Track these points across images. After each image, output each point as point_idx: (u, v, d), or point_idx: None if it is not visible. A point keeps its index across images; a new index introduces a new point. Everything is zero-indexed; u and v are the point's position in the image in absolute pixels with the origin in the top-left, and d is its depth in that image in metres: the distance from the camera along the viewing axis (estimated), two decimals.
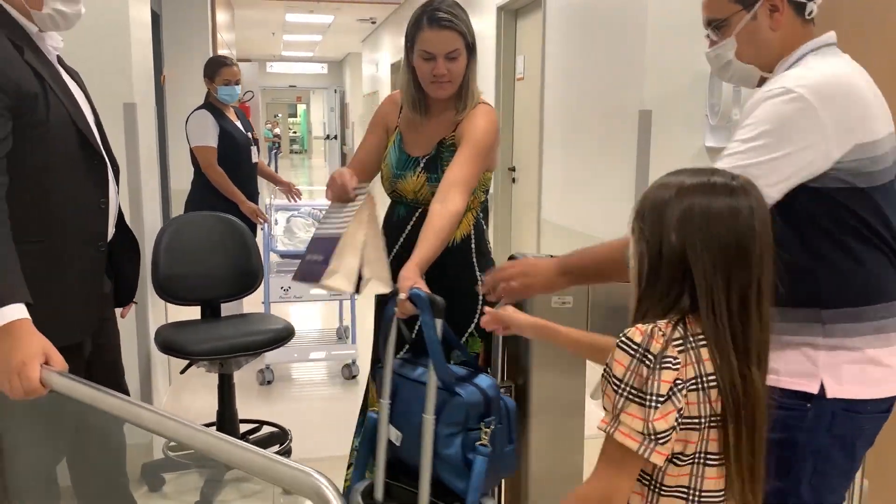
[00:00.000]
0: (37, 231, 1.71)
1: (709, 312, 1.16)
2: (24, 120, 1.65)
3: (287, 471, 1.10)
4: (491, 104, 2.16)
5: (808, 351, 1.43)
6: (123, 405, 1.34)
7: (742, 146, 1.39)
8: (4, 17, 1.70)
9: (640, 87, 3.38)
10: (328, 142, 18.94)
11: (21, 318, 1.52)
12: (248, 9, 10.21)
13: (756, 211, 1.18)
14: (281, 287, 4.21)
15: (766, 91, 1.40)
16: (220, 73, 4.05)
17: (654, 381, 1.12)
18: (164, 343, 2.81)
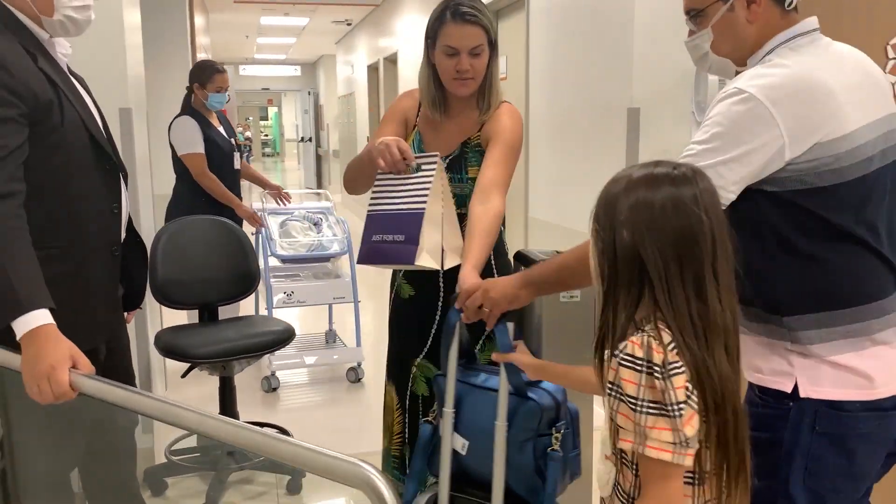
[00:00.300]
0: (56, 237, 1.72)
1: (667, 304, 1.17)
2: (39, 127, 1.66)
3: (339, 464, 1.13)
4: (512, 103, 2.16)
5: (783, 352, 1.41)
6: (160, 406, 1.36)
7: (696, 147, 1.37)
8: (16, 23, 1.70)
9: (628, 85, 3.44)
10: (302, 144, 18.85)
11: (47, 324, 1.53)
12: (222, 12, 10.15)
13: (700, 197, 1.18)
14: (283, 292, 4.14)
15: (723, 91, 1.38)
16: (213, 80, 3.99)
17: (669, 391, 1.12)
18: (166, 347, 2.81)
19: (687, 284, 1.17)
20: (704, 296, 1.17)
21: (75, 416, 1.86)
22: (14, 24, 1.70)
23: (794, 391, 1.38)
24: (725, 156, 1.33)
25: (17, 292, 1.51)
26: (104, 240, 1.83)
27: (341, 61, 13.70)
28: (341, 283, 4.31)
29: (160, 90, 5.65)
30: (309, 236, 4.39)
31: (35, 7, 1.71)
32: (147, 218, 3.37)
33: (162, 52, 5.86)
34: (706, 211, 1.17)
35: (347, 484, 1.13)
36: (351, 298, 4.22)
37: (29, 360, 1.51)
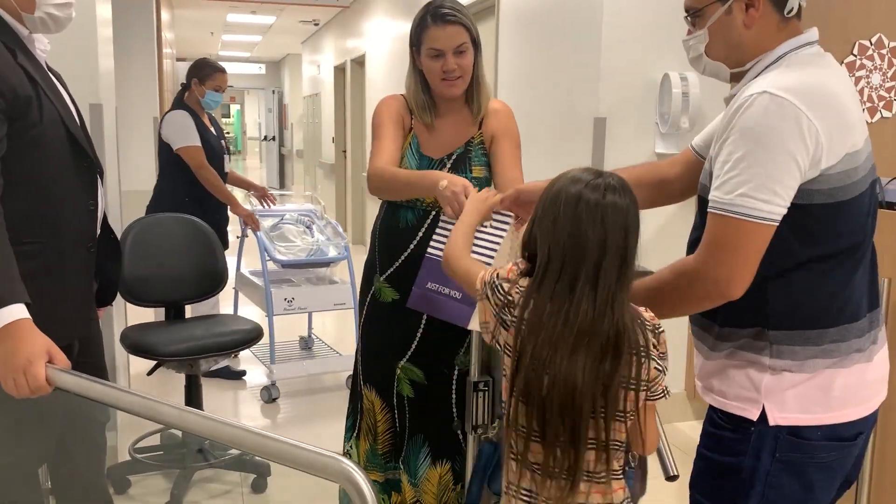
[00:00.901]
0: (33, 233, 1.72)
1: (539, 278, 1.32)
2: (18, 123, 1.66)
3: (318, 458, 1.17)
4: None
5: (753, 373, 1.39)
6: (139, 401, 1.37)
7: (732, 166, 1.30)
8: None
9: (595, 94, 3.52)
10: (265, 143, 18.72)
11: (23, 318, 1.54)
12: (188, 8, 10.05)
13: (602, 206, 1.29)
14: (284, 299, 4.01)
15: (748, 96, 1.32)
16: (212, 78, 3.92)
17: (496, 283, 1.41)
18: (133, 345, 2.81)
19: (561, 283, 1.29)
20: (574, 297, 1.28)
21: (46, 411, 1.86)
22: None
23: (759, 417, 1.37)
24: (764, 166, 1.27)
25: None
26: (80, 236, 1.84)
27: (307, 61, 13.64)
28: (342, 288, 4.22)
29: (126, 86, 5.60)
30: (305, 240, 4.30)
31: (16, 3, 1.72)
32: (115, 214, 3.35)
33: (129, 47, 5.81)
34: (603, 222, 1.28)
35: (327, 478, 1.16)
36: (351, 304, 4.14)
37: (5, 355, 1.51)
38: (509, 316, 1.36)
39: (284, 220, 4.35)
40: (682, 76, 3.44)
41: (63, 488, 2.09)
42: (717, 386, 1.45)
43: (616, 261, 1.29)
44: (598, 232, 1.28)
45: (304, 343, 4.79)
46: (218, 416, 1.29)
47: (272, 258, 4.04)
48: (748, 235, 1.30)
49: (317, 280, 4.44)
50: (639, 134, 3.56)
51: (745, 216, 1.29)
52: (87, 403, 1.87)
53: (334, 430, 2.89)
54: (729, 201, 1.31)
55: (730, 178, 1.31)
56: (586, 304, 1.28)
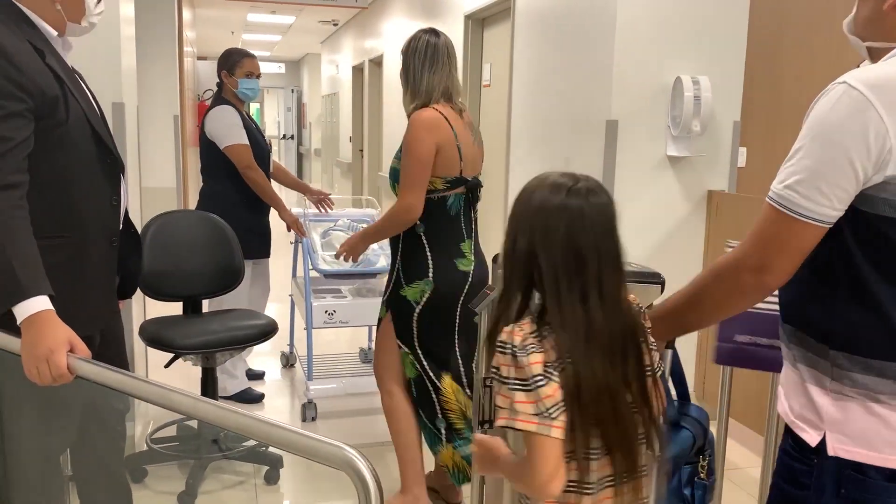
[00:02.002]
0: (59, 227, 1.80)
1: (556, 310, 1.29)
2: (45, 122, 1.74)
3: (322, 446, 1.22)
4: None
5: (816, 393, 1.28)
6: (155, 389, 1.43)
7: (790, 156, 1.24)
8: (26, 21, 1.78)
9: (607, 97, 3.56)
10: (284, 141, 18.86)
11: (46, 309, 1.61)
12: (209, 8, 10.17)
13: (586, 210, 1.29)
14: (325, 311, 3.71)
15: (831, 84, 1.22)
16: (241, 65, 3.73)
17: (527, 366, 1.27)
18: (151, 337, 2.89)
19: (573, 294, 1.29)
20: (587, 305, 1.30)
21: (69, 400, 1.93)
22: (24, 22, 1.77)
23: (819, 445, 1.27)
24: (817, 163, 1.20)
25: (19, 279, 1.59)
26: (103, 230, 1.91)
27: (326, 61, 13.74)
28: None
29: (147, 84, 5.70)
30: None
31: (65, 15, 1.82)
32: (135, 211, 3.43)
33: (150, 45, 5.90)
34: (592, 225, 1.29)
35: (331, 466, 1.22)
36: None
37: (28, 344, 1.58)
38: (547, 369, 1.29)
39: (336, 227, 4.05)
40: (694, 80, 3.47)
41: (83, 475, 2.15)
42: (786, 397, 1.36)
43: (612, 261, 1.32)
44: (591, 237, 1.30)
45: (365, 356, 4.50)
46: (230, 405, 1.35)
47: (315, 267, 3.83)
48: (787, 229, 1.23)
49: (366, 292, 4.10)
50: (650, 137, 3.59)
51: (786, 209, 1.23)
52: (107, 393, 1.94)
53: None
54: (775, 191, 1.25)
55: (784, 168, 1.25)
56: (600, 313, 1.30)
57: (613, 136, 3.55)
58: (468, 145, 2.69)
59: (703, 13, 3.56)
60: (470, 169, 2.72)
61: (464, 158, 2.66)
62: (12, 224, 1.63)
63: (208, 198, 3.76)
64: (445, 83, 2.66)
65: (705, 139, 3.62)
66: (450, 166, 2.63)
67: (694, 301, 1.41)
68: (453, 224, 2.72)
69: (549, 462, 1.28)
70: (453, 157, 2.63)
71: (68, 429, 1.99)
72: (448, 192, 2.67)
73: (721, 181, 3.71)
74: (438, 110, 2.61)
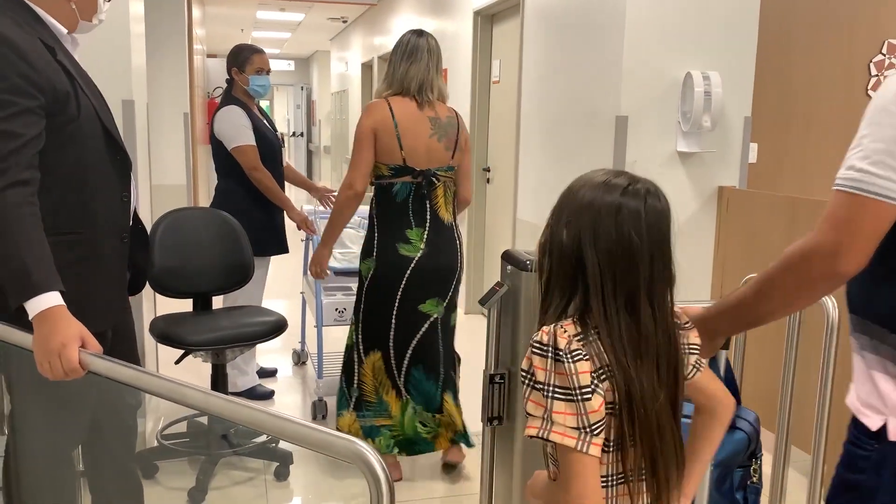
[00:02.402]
0: (72, 224, 1.81)
1: (599, 306, 1.20)
2: (57, 118, 1.74)
3: (334, 440, 1.22)
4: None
5: (880, 379, 1.27)
6: (166, 384, 1.44)
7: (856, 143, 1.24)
8: (36, 19, 1.79)
9: (617, 93, 3.55)
10: (294, 139, 18.89)
11: (58, 305, 1.62)
12: (218, 5, 10.20)
13: (644, 215, 1.20)
14: (335, 309, 3.70)
15: (883, 83, 1.24)
16: (251, 61, 3.72)
17: (574, 375, 1.16)
18: (161, 334, 2.89)
19: (619, 299, 1.20)
20: (637, 314, 1.21)
21: (81, 395, 1.94)
22: (35, 20, 1.78)
23: (880, 430, 1.26)
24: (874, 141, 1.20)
25: (32, 275, 1.60)
26: (114, 227, 1.92)
27: (335, 58, 13.76)
28: None
29: (157, 82, 5.72)
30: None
31: (79, 14, 1.85)
32: (145, 208, 3.45)
33: (160, 43, 5.92)
34: (648, 229, 1.20)
35: (343, 460, 1.22)
36: None
37: (41, 338, 1.59)
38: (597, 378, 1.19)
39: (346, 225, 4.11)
40: (704, 75, 3.45)
41: (95, 470, 2.17)
42: (854, 387, 1.34)
43: (663, 268, 1.24)
44: (645, 240, 1.20)
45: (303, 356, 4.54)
46: (240, 399, 1.36)
47: None
48: (861, 211, 1.21)
49: None
50: (661, 133, 3.58)
51: (859, 190, 1.21)
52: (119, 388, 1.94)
53: None
54: (844, 176, 1.24)
55: (850, 156, 1.24)
56: (651, 323, 1.22)
57: (623, 131, 3.54)
58: (416, 137, 2.85)
59: (713, 8, 3.54)
60: (418, 160, 2.86)
61: (405, 148, 2.83)
62: (24, 221, 1.64)
63: (223, 195, 3.76)
64: (422, 77, 2.86)
65: (716, 135, 3.60)
66: (388, 153, 2.83)
67: (761, 294, 1.34)
68: (399, 210, 2.89)
69: (587, 482, 1.18)
70: (391, 145, 2.82)
71: (80, 425, 2.00)
72: (394, 180, 2.87)
73: (732, 177, 3.69)
74: (388, 101, 2.85)
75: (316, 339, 3.76)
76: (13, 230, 1.61)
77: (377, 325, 2.94)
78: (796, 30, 4.17)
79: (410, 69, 2.86)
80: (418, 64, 2.86)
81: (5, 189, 1.61)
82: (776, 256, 1.31)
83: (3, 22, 1.70)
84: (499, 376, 2.23)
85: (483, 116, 5.68)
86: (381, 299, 2.92)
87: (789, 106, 4.24)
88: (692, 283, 3.70)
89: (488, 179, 5.72)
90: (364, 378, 2.99)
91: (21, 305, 1.61)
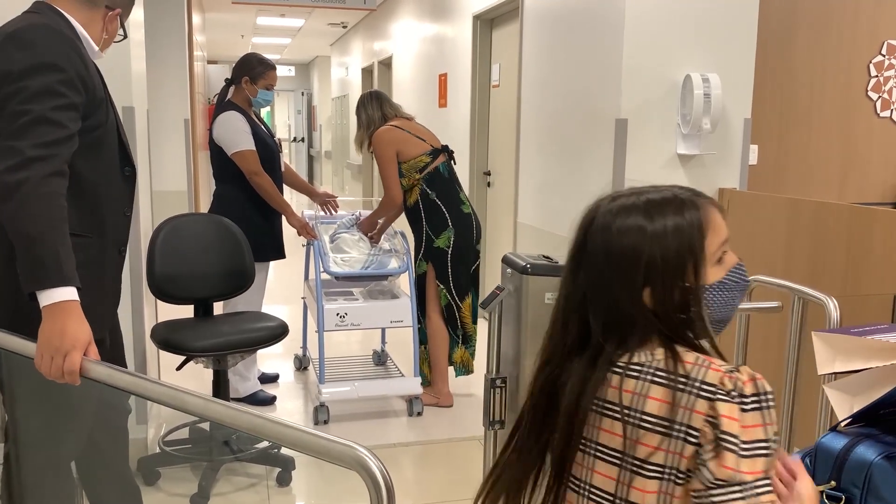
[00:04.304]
0: (84, 227, 1.82)
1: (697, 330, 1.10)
2: (90, 121, 1.78)
3: (333, 446, 1.22)
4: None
5: None
6: (167, 391, 1.43)
7: None
8: (74, 32, 1.84)
9: (617, 96, 3.55)
10: (295, 144, 18.91)
11: (75, 300, 1.60)
12: (218, 12, 10.22)
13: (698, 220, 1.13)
14: (337, 314, 3.68)
15: None
16: (265, 76, 3.79)
17: (773, 424, 1.02)
18: (163, 340, 2.90)
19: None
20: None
21: (82, 405, 1.94)
22: (74, 34, 1.83)
23: None
24: None
25: (63, 265, 1.58)
26: (115, 239, 1.94)
27: (336, 63, 13.78)
28: (400, 304, 3.80)
29: (158, 88, 5.72)
30: (362, 250, 3.97)
31: (102, 45, 1.94)
32: (146, 214, 3.45)
33: (160, 50, 5.93)
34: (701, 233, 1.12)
35: (343, 465, 1.21)
36: (409, 322, 3.78)
37: (52, 332, 1.56)
38: None
39: (342, 230, 4.04)
40: (703, 77, 3.45)
41: (91, 478, 2.16)
42: None
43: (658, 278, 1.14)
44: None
45: (378, 358, 4.53)
46: (240, 406, 1.35)
47: (326, 270, 3.81)
48: None
49: (378, 294, 4.08)
50: (660, 135, 3.58)
51: None
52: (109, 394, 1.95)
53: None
54: None
55: None
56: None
57: (623, 134, 3.54)
58: (421, 130, 3.90)
59: (712, 10, 3.54)
60: (435, 142, 3.88)
61: (424, 137, 3.85)
62: (63, 212, 1.63)
63: (221, 201, 3.78)
64: (395, 109, 3.97)
65: (716, 137, 3.60)
66: (417, 147, 3.79)
67: None
68: (449, 183, 3.85)
69: None
70: (415, 142, 3.80)
71: (81, 434, 2.00)
72: (436, 162, 3.81)
73: (732, 179, 3.69)
74: (386, 126, 3.85)
75: (317, 343, 3.76)
76: (52, 216, 1.60)
77: (465, 273, 3.84)
78: (796, 30, 4.17)
79: (382, 107, 3.92)
80: (387, 103, 3.96)
81: (52, 176, 1.61)
82: (778, 258, 1.28)
83: (54, 22, 1.77)
84: (500, 380, 2.23)
85: (483, 120, 5.69)
86: (464, 254, 3.82)
87: (789, 107, 4.23)
88: None
89: (489, 183, 5.72)
90: (465, 319, 3.89)
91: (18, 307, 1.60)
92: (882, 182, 4.44)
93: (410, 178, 3.79)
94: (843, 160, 4.39)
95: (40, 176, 1.59)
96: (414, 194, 3.82)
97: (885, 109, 4.41)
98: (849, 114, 4.37)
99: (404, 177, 3.80)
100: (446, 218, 3.76)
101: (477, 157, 5.73)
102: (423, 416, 3.81)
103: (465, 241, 3.80)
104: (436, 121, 6.76)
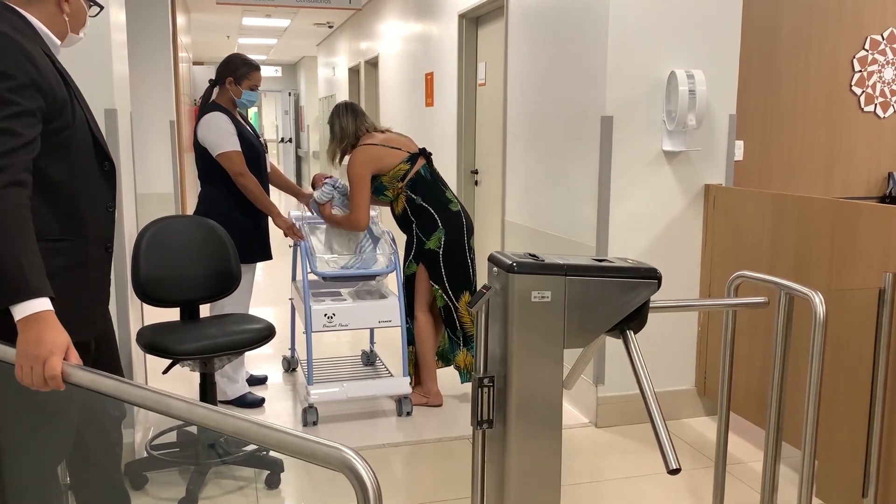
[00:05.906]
0: (62, 231, 1.80)
1: None
2: (53, 124, 1.75)
3: (319, 448, 1.21)
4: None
5: None
6: (149, 395, 1.42)
7: None
8: (33, 32, 1.81)
9: (602, 93, 3.55)
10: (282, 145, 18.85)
11: (48, 310, 1.59)
12: (204, 12, 10.17)
13: None
14: (325, 315, 3.67)
15: None
16: (250, 77, 3.78)
17: None
18: (149, 344, 2.87)
19: None
20: None
21: (65, 409, 1.92)
22: (33, 32, 1.80)
23: None
24: None
25: (27, 277, 1.57)
26: (100, 237, 1.91)
27: (322, 63, 13.74)
28: (388, 304, 3.79)
29: (142, 90, 5.69)
30: (351, 249, 4.01)
31: (69, 27, 1.88)
32: (130, 217, 3.42)
33: (144, 51, 5.89)
34: None
35: (328, 467, 1.21)
36: (398, 321, 3.79)
37: (27, 343, 1.56)
38: None
39: (328, 229, 4.06)
40: (688, 73, 3.46)
41: (81, 484, 2.15)
42: None
43: None
44: None
45: (367, 358, 4.51)
46: (224, 409, 1.34)
47: (313, 270, 3.80)
48: None
49: (366, 294, 4.07)
50: (646, 132, 3.58)
51: None
52: (103, 400, 1.92)
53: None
54: None
55: None
56: None
57: (609, 131, 3.54)
58: (395, 140, 3.88)
59: (696, 6, 3.55)
60: (411, 147, 3.89)
61: (400, 146, 3.85)
62: (24, 223, 1.61)
63: (206, 202, 3.77)
64: (369, 122, 3.96)
65: (701, 133, 3.61)
66: (394, 157, 3.80)
67: None
68: (433, 184, 3.85)
69: None
70: (391, 153, 3.81)
71: (65, 438, 1.98)
72: (415, 168, 3.82)
73: (718, 175, 3.70)
74: (366, 142, 3.84)
75: (306, 345, 3.74)
76: (13, 230, 1.58)
77: (459, 271, 3.84)
78: (779, 26, 4.19)
79: (356, 120, 3.91)
80: (361, 117, 3.94)
81: (7, 187, 1.59)
82: (764, 254, 1.27)
83: (6, 26, 1.72)
84: (488, 379, 2.22)
85: (469, 119, 5.68)
86: (456, 251, 3.81)
87: (774, 103, 4.25)
88: (680, 282, 3.70)
89: (476, 182, 5.72)
90: (463, 319, 3.87)
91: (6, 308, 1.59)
92: (867, 176, 4.47)
93: (394, 187, 3.81)
94: (827, 155, 4.41)
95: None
96: (400, 202, 3.83)
97: (868, 104, 4.43)
98: (833, 109, 4.40)
99: (388, 188, 3.82)
100: (436, 219, 3.78)
101: (464, 155, 5.73)
102: (412, 416, 3.81)
103: (457, 239, 3.81)
104: (423, 120, 6.75)
